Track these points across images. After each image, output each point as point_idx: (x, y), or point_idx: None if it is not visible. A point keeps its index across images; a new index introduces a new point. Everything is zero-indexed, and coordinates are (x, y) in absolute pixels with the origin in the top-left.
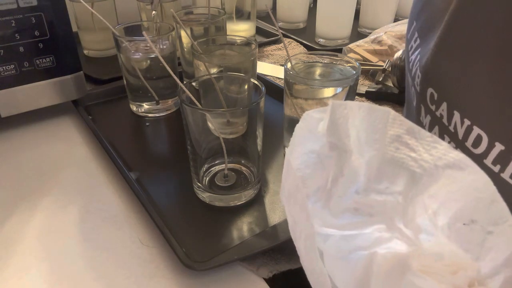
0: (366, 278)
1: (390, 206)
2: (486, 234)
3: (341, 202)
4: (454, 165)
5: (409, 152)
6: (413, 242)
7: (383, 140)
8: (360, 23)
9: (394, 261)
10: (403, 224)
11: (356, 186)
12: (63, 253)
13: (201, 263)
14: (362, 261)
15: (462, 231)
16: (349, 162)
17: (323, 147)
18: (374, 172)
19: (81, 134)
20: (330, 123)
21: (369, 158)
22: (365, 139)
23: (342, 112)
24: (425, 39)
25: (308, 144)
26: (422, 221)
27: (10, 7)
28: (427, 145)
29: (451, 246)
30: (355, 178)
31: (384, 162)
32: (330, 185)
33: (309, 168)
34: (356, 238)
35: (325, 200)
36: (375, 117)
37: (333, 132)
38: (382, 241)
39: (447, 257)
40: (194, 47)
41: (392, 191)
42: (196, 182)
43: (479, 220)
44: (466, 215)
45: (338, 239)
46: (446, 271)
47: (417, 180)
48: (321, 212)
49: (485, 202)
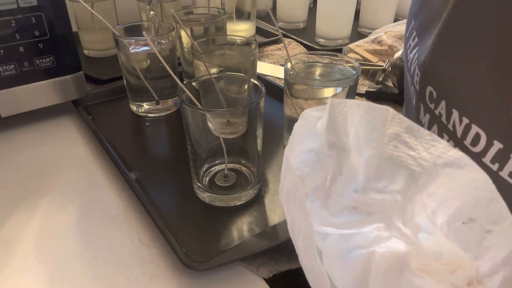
0: (365, 277)
1: (389, 204)
2: (485, 233)
3: (340, 200)
4: (453, 164)
5: (408, 151)
6: (412, 241)
7: (382, 138)
8: (360, 23)
9: (393, 260)
10: (401, 223)
11: (355, 184)
12: (63, 253)
13: (201, 263)
14: (360, 260)
15: (461, 229)
16: (348, 160)
17: (322, 146)
18: (373, 171)
19: (81, 134)
20: (329, 122)
21: (368, 157)
22: (364, 137)
23: (341, 111)
24: (423, 37)
25: (307, 142)
26: (421, 220)
27: (10, 7)
28: (426, 143)
29: (450, 245)
30: (354, 176)
31: (383, 160)
32: (329, 183)
33: (308, 166)
34: (354, 237)
35: (324, 198)
36: (374, 116)
37: (332, 131)
38: (381, 239)
39: (446, 256)
40: (194, 47)
41: (391, 189)
42: (196, 182)
43: (478, 219)
44: (465, 214)
45: (337, 238)
46: (445, 270)
47: (416, 178)
48: (320, 211)
49: (484, 200)
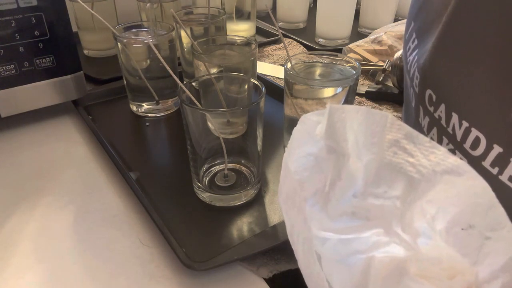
0: (364, 282)
1: (388, 210)
2: (484, 239)
3: (339, 205)
4: (452, 171)
5: (407, 157)
6: (411, 246)
7: (381, 144)
8: (360, 23)
9: (392, 265)
10: (400, 229)
11: (354, 189)
12: (63, 253)
13: (201, 263)
14: (359, 265)
15: (460, 235)
16: (347, 165)
17: (321, 150)
18: (372, 176)
19: (81, 134)
20: (328, 127)
21: (367, 162)
22: (363, 143)
23: (340, 116)
24: (422, 39)
25: (306, 147)
26: (420, 225)
27: (10, 7)
28: (426, 150)
29: (449, 251)
30: (353, 181)
31: (382, 166)
32: (328, 188)
33: (307, 171)
34: (353, 242)
35: (323, 203)
36: (373, 121)
37: (331, 136)
38: (380, 245)
39: (445, 262)
40: (194, 47)
41: (390, 195)
42: (196, 182)
43: (477, 225)
44: (464, 220)
45: (336, 243)
46: (444, 275)
47: (415, 185)
48: (319, 215)
49: (483, 207)
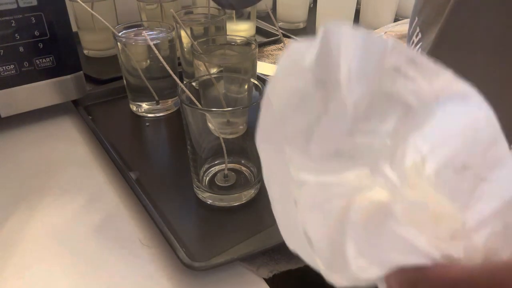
0: (341, 228)
1: (376, 148)
2: (479, 181)
3: (323, 144)
4: (457, 98)
5: (407, 84)
6: (397, 189)
7: (378, 72)
8: (360, 23)
9: (375, 209)
10: (389, 167)
11: (340, 126)
12: (62, 253)
13: (201, 263)
14: (338, 209)
15: (452, 178)
16: (336, 98)
17: (308, 83)
18: (363, 110)
19: (81, 134)
20: (319, 54)
21: (359, 94)
22: (358, 71)
23: (334, 41)
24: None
25: (291, 79)
26: (410, 166)
27: (10, 7)
28: (429, 74)
29: (437, 196)
30: (340, 116)
31: (376, 97)
32: (311, 126)
33: (290, 106)
34: (332, 186)
35: (305, 142)
36: (371, 47)
37: (321, 65)
38: (361, 189)
39: (431, 207)
40: (194, 47)
41: (380, 130)
42: (196, 182)
43: (473, 166)
44: (459, 161)
45: (313, 186)
46: (429, 221)
47: (412, 116)
48: (299, 156)
49: (484, 145)
